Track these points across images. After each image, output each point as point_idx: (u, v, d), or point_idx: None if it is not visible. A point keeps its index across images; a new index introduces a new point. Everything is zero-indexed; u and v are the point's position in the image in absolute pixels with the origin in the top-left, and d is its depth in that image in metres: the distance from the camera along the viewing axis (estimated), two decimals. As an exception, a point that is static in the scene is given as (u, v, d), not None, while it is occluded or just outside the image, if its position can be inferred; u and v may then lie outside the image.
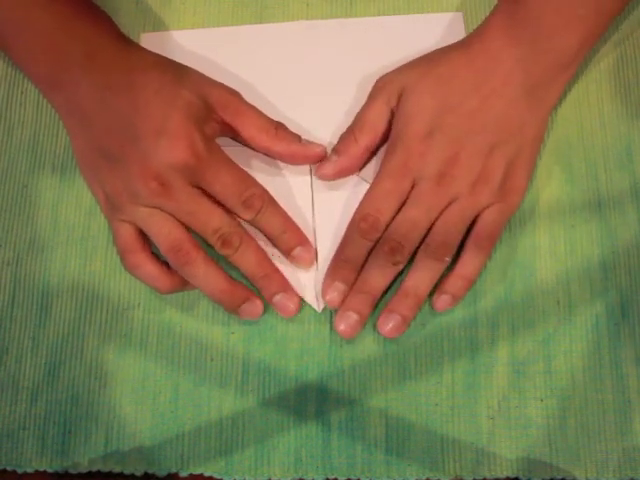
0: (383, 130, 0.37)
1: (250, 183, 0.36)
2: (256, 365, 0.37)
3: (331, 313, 0.37)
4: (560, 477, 0.35)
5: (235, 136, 0.38)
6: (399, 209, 0.36)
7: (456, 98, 0.35)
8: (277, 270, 0.37)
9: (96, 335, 0.38)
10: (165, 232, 0.34)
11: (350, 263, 0.36)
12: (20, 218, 0.40)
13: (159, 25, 0.42)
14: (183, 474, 0.36)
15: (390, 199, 0.36)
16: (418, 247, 0.36)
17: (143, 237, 0.36)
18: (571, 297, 0.37)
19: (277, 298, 0.36)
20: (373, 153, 0.38)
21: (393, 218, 0.36)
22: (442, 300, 0.36)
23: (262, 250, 0.36)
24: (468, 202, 0.35)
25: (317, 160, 0.38)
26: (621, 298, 0.37)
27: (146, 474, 0.36)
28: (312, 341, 0.37)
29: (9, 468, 0.37)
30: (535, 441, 0.36)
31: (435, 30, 0.41)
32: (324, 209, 0.38)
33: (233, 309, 0.36)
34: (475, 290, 0.37)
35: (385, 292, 0.36)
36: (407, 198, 0.36)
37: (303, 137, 0.38)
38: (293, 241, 0.37)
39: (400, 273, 0.36)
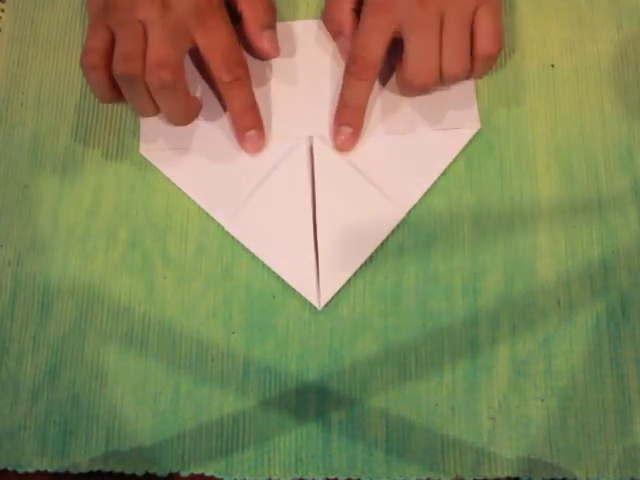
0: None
1: (238, 50, 0.37)
2: (257, 365, 0.37)
3: (332, 313, 0.37)
4: (561, 477, 0.35)
5: (234, 6, 0.39)
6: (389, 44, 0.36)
7: None
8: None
9: (97, 335, 0.38)
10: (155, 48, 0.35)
11: (352, 107, 0.38)
12: (21, 218, 0.40)
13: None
14: (184, 474, 0.36)
15: (375, 35, 0.36)
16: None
17: (112, 48, 0.36)
18: (572, 297, 0.37)
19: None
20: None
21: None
22: None
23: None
24: (458, 11, 0.35)
25: (264, 53, 0.40)
26: (622, 298, 0.37)
27: (147, 474, 0.36)
28: (313, 341, 0.37)
29: (10, 468, 0.37)
30: (536, 441, 0.36)
31: None
32: (325, 207, 0.38)
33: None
34: (475, 290, 0.37)
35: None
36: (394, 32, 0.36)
37: (312, 135, 0.39)
38: (250, 122, 0.39)
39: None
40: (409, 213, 0.38)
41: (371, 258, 0.38)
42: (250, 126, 0.39)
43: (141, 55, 0.35)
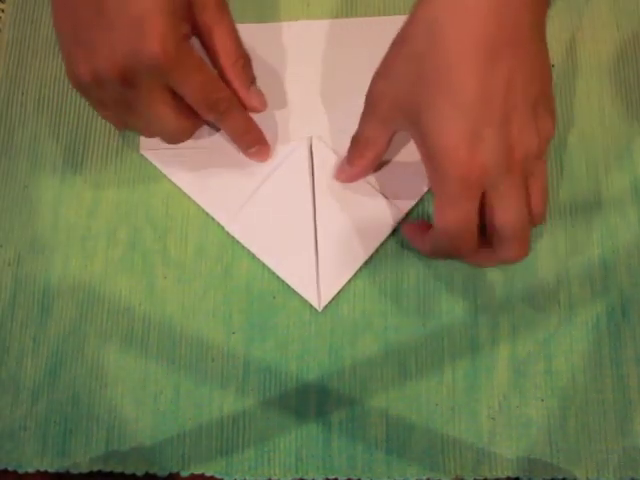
0: (385, 143, 0.35)
1: (218, 87, 0.35)
2: (257, 365, 0.37)
3: (332, 313, 0.37)
4: (561, 477, 0.35)
5: (202, 42, 0.36)
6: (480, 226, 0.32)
7: (470, 81, 0.29)
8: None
9: (97, 335, 0.38)
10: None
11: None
12: (21, 218, 0.40)
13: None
14: (184, 474, 0.36)
15: (468, 228, 0.32)
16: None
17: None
18: (571, 297, 0.37)
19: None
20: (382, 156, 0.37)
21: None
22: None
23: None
24: (541, 163, 0.32)
25: (252, 110, 0.38)
26: (622, 298, 0.37)
27: (147, 474, 0.36)
28: (313, 341, 0.37)
29: (10, 468, 0.37)
30: (536, 441, 0.36)
31: None
32: (324, 208, 0.38)
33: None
34: (475, 290, 0.37)
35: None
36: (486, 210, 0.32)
37: (312, 135, 0.39)
38: (251, 142, 0.38)
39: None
40: (409, 213, 0.38)
41: (371, 258, 0.38)
42: (252, 145, 0.38)
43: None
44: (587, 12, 0.41)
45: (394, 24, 0.41)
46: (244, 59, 0.37)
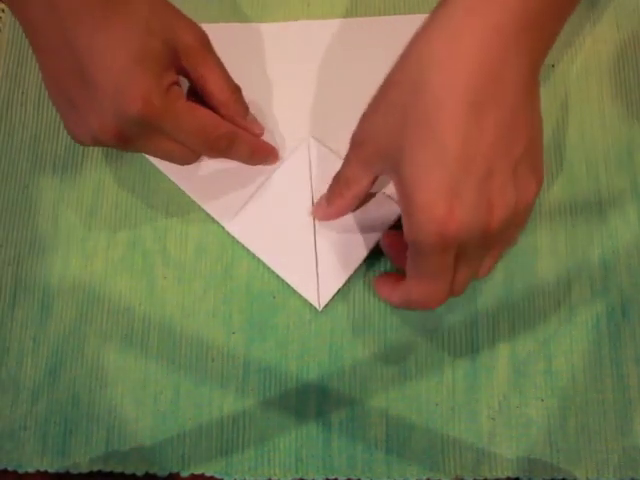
0: (366, 185, 0.34)
1: (214, 126, 0.35)
2: (257, 365, 0.37)
3: (332, 313, 0.37)
4: (561, 477, 0.35)
5: (192, 83, 0.36)
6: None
7: (453, 136, 0.28)
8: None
9: (97, 335, 0.38)
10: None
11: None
12: (21, 218, 0.40)
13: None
14: (184, 474, 0.36)
15: (439, 289, 0.31)
16: None
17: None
18: (572, 297, 0.37)
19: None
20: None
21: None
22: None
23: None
24: (513, 230, 0.32)
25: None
26: (622, 298, 0.37)
27: (147, 474, 0.36)
28: (313, 341, 0.37)
29: (10, 468, 0.37)
30: (536, 441, 0.36)
31: None
32: None
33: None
34: (475, 290, 0.37)
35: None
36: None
37: (312, 136, 0.38)
38: (260, 160, 0.38)
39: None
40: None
41: (371, 257, 0.38)
42: (260, 162, 0.38)
43: None
44: (587, 12, 0.41)
45: (394, 24, 0.42)
46: (237, 92, 0.36)
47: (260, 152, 0.38)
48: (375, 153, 0.32)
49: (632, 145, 0.39)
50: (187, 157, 0.36)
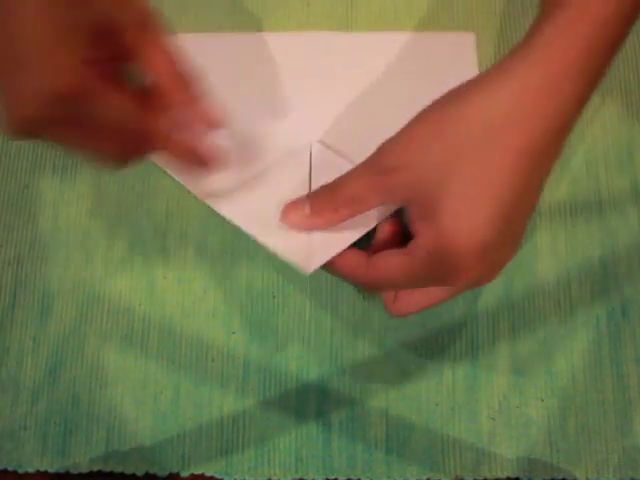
0: (368, 209, 0.33)
1: (127, 118, 0.30)
2: (257, 365, 0.37)
3: (332, 313, 0.37)
4: (561, 477, 0.35)
5: (136, 69, 0.31)
6: None
7: (510, 184, 0.29)
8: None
9: (97, 335, 0.38)
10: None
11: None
12: (21, 218, 0.40)
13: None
14: (184, 474, 0.36)
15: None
16: None
17: None
18: (572, 297, 0.37)
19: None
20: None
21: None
22: None
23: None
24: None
25: (209, 126, 0.33)
26: (622, 298, 0.37)
27: (147, 474, 0.36)
28: (313, 341, 0.37)
29: (10, 468, 0.37)
30: (536, 441, 0.36)
31: (444, 50, 0.41)
32: None
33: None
34: (475, 290, 0.37)
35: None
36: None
37: (313, 141, 0.38)
38: (196, 166, 0.34)
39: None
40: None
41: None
42: (197, 169, 0.34)
43: None
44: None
45: (390, 39, 0.42)
46: (183, 76, 0.31)
47: (189, 157, 0.33)
48: (404, 181, 0.31)
49: (632, 145, 0.39)
50: (109, 154, 0.31)
